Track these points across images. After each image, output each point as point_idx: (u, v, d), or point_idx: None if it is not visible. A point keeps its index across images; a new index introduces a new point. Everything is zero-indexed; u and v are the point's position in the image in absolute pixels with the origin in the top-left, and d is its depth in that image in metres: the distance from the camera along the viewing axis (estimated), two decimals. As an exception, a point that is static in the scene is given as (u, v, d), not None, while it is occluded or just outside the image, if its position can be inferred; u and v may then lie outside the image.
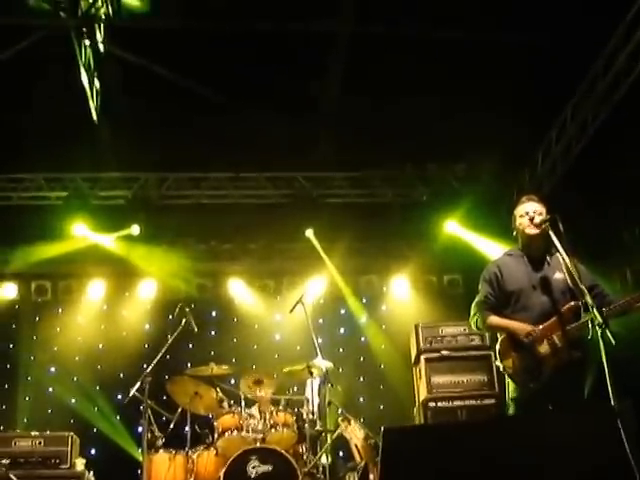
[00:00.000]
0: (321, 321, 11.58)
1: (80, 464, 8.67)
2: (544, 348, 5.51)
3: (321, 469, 8.36)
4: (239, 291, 12.22)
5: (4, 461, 8.30)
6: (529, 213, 5.79)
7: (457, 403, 9.07)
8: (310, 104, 9.73)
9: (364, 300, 12.48)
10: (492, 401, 8.98)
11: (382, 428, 3.79)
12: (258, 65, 9.16)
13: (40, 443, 8.58)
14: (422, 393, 9.30)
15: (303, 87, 9.40)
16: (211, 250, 11.86)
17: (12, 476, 8.07)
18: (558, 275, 5.68)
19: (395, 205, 11.48)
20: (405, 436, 3.84)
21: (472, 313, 6.02)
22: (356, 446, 8.66)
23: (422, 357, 9.30)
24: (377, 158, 10.79)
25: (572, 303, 5.51)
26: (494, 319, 5.80)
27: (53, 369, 12.19)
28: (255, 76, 9.23)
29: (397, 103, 9.39)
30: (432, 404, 9.09)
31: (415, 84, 8.94)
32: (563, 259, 5.36)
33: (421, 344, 9.38)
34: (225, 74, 9.22)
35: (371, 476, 8.67)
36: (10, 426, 10.36)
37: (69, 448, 8.57)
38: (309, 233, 11.42)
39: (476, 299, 6.02)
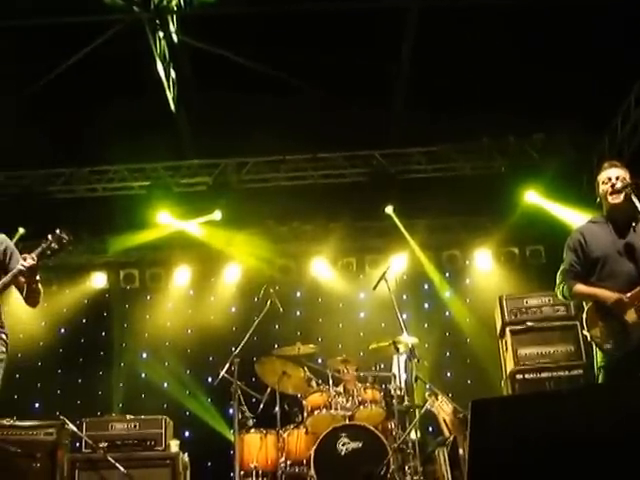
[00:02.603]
0: (405, 297, 11.58)
1: (174, 445, 8.84)
2: (632, 315, 5.43)
3: (410, 445, 8.38)
4: (322, 271, 12.28)
5: (102, 444, 8.56)
6: (612, 179, 5.67)
7: (545, 374, 8.97)
8: (383, 82, 9.71)
9: (447, 275, 12.40)
10: (580, 372, 8.85)
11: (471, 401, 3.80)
12: (331, 46, 9.17)
13: (136, 426, 8.78)
14: (509, 365, 9.24)
15: (375, 65, 9.39)
16: (293, 231, 11.95)
17: (110, 458, 8.31)
18: (645, 241, 5.58)
19: (474, 178, 11.36)
20: (494, 407, 3.82)
21: (557, 282, 5.95)
22: (444, 421, 8.64)
23: (507, 329, 9.22)
24: (453, 132, 10.71)
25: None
26: (580, 287, 5.71)
27: (145, 355, 12.48)
28: (327, 57, 9.24)
29: (471, 75, 9.31)
30: (519, 376, 9.01)
31: (489, 54, 8.86)
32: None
33: (506, 316, 9.31)
34: (298, 56, 9.26)
35: (460, 450, 8.64)
36: (106, 411, 10.56)
37: (163, 430, 8.74)
38: (389, 210, 11.39)
39: (561, 268, 5.93)
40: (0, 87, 9.20)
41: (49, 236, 5.18)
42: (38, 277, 5.25)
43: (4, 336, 5.38)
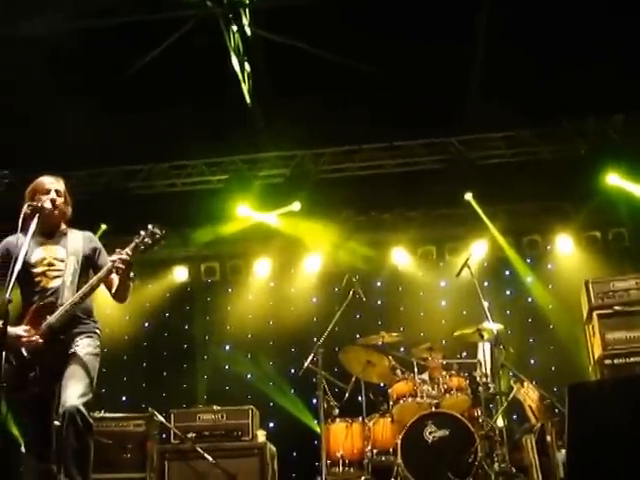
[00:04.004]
0: (486, 284, 11.45)
1: (261, 436, 8.91)
2: None
3: (497, 432, 8.32)
4: (402, 259, 12.22)
5: (190, 435, 8.68)
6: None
7: (634, 359, 8.75)
8: (459, 66, 9.61)
9: (528, 260, 12.23)
10: (670, 355, 8.66)
11: (568, 386, 3.75)
12: (404, 31, 9.11)
13: (223, 417, 8.87)
14: (597, 351, 9.06)
15: (450, 50, 9.29)
16: (371, 220, 11.91)
17: (198, 448, 8.42)
18: None
19: (553, 162, 11.16)
20: (590, 391, 3.79)
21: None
22: (530, 407, 8.55)
23: (594, 314, 9.03)
24: (532, 116, 10.55)
25: None
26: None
27: (228, 347, 12.62)
28: (402, 43, 9.18)
29: (548, 57, 9.16)
30: (608, 361, 8.80)
31: (565, 36, 8.71)
32: None
33: (592, 300, 9.12)
34: (371, 44, 9.22)
35: (548, 437, 8.54)
36: (191, 403, 10.71)
37: (250, 421, 8.80)
38: (468, 197, 11.27)
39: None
40: (80, 87, 9.35)
41: (142, 231, 5.23)
42: (132, 274, 5.31)
43: (98, 331, 5.48)
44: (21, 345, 5.09)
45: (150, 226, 5.24)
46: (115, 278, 5.32)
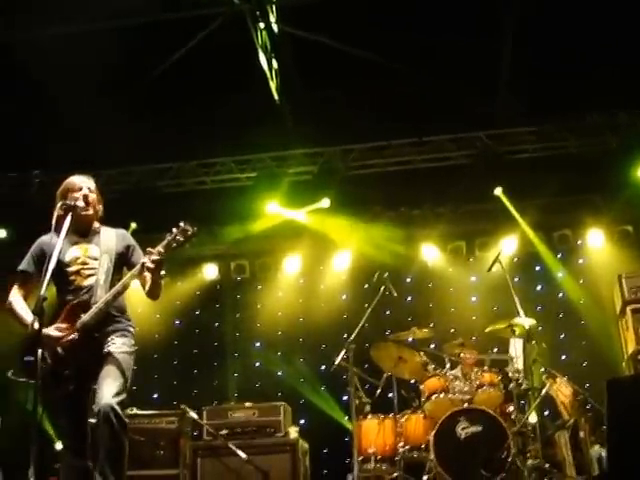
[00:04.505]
0: (517, 279, 11.36)
1: (293, 432, 8.93)
2: None
3: (530, 428, 8.28)
4: (432, 255, 12.16)
5: (222, 432, 8.71)
6: None
7: (669, 353, 8.72)
8: (486, 61, 9.56)
9: (559, 255, 12.13)
10: None
11: (606, 381, 3.73)
12: (431, 27, 9.08)
13: (254, 413, 8.90)
14: (630, 345, 9.01)
15: (478, 45, 9.24)
16: (401, 216, 11.85)
17: (231, 445, 8.44)
18: None
19: (583, 156, 11.07)
20: (628, 386, 3.76)
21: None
22: (563, 403, 8.52)
23: (628, 308, 8.98)
24: (560, 110, 10.48)
25: None
26: None
27: (258, 344, 12.67)
28: (428, 38, 9.15)
29: (576, 50, 9.09)
30: (643, 356, 8.78)
31: (592, 28, 8.64)
32: None
33: (626, 295, 9.07)
34: (398, 39, 9.19)
35: (581, 433, 8.51)
36: (221, 400, 10.69)
37: (282, 417, 8.83)
38: (498, 191, 11.19)
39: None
40: (109, 86, 9.41)
41: (173, 229, 5.25)
42: (163, 272, 5.33)
43: (132, 329, 5.51)
44: (56, 344, 5.13)
45: (182, 223, 5.26)
46: (148, 276, 5.34)
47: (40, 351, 4.70)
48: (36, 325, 4.72)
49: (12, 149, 10.36)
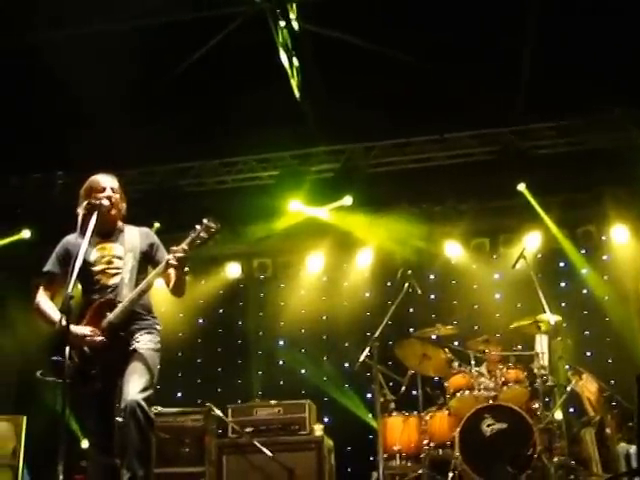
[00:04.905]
0: (540, 276, 11.30)
1: (318, 429, 8.91)
2: None
3: (556, 425, 8.25)
4: (455, 252, 12.08)
5: (247, 429, 8.74)
6: None
7: (695, 349, 8.67)
8: (508, 56, 9.51)
9: (583, 251, 12.02)
10: None
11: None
12: (452, 21, 9.05)
13: (279, 411, 8.91)
14: (656, 341, 8.96)
15: (500, 40, 9.19)
16: (423, 213, 11.75)
17: (256, 442, 8.46)
18: None
19: (607, 151, 10.97)
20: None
21: None
22: (589, 400, 8.48)
23: (654, 304, 8.93)
24: (584, 104, 10.40)
25: None
26: None
27: (281, 342, 12.65)
28: (449, 33, 9.12)
29: (599, 42, 9.03)
30: (668, 352, 8.73)
31: (615, 20, 8.58)
32: None
33: (652, 290, 9.01)
34: (419, 35, 9.16)
35: (607, 430, 8.47)
36: (245, 399, 10.68)
37: (307, 414, 8.83)
38: (521, 187, 11.10)
39: None
40: (129, 86, 9.44)
41: (197, 226, 5.28)
42: (187, 268, 5.35)
43: (158, 326, 5.53)
44: (83, 342, 5.15)
45: (205, 220, 5.29)
46: (172, 273, 5.36)
47: (68, 349, 4.72)
48: (64, 323, 4.75)
49: (35, 150, 10.42)
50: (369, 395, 10.61)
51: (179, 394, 12.09)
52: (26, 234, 11.59)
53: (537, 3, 8.67)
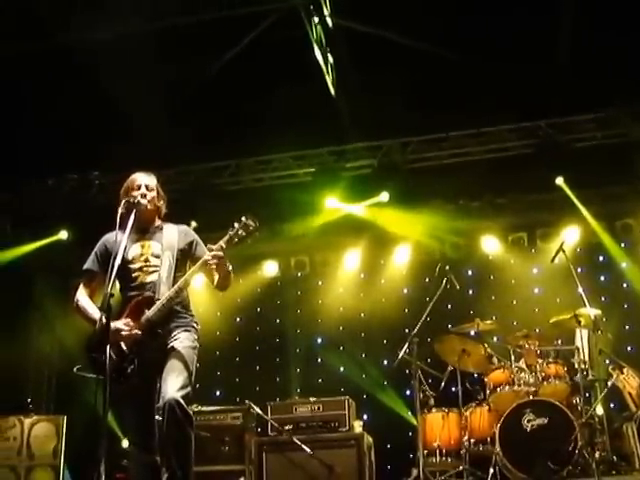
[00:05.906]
0: (580, 270, 11.18)
1: (358, 426, 8.89)
2: None
3: (597, 420, 8.18)
4: (493, 247, 11.98)
5: (287, 427, 8.74)
6: None
7: None
8: (545, 47, 9.42)
9: (623, 245, 11.88)
10: None
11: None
12: (487, 14, 8.99)
13: (319, 408, 8.90)
14: (701, 335, 8.83)
15: (537, 32, 9.12)
16: (460, 209, 11.67)
17: (296, 440, 8.46)
18: None
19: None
20: None
21: None
22: (630, 395, 8.38)
23: (697, 297, 8.80)
24: (623, 95, 10.27)
25: None
26: None
27: (319, 340, 12.63)
28: (485, 27, 9.06)
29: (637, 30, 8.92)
30: None
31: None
32: None
33: (697, 283, 8.89)
34: (454, 29, 9.13)
35: (650, 425, 8.35)
36: (284, 396, 10.70)
37: (347, 411, 8.81)
38: (559, 181, 10.98)
39: None
40: (164, 85, 9.50)
41: (235, 224, 5.28)
42: (228, 264, 5.35)
43: (195, 324, 5.54)
44: (121, 339, 5.18)
45: (243, 218, 5.29)
46: (214, 270, 5.37)
47: (108, 347, 4.75)
48: (104, 320, 4.78)
49: (72, 151, 10.51)
50: (408, 392, 10.54)
51: (218, 393, 12.15)
52: (63, 235, 11.70)
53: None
